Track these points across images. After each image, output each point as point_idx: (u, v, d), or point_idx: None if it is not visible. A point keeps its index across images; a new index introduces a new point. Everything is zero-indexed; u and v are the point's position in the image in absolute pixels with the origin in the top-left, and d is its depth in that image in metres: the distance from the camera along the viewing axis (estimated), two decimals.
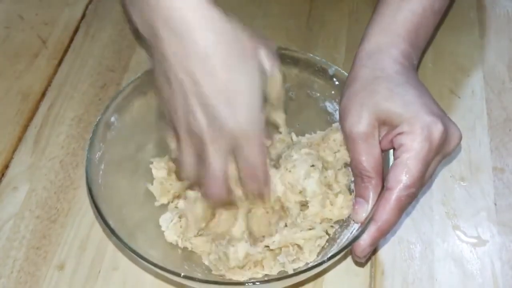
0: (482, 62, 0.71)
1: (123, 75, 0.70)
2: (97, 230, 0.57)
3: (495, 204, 0.59)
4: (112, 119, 0.55)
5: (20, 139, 0.64)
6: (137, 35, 0.48)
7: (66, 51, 0.73)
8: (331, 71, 0.57)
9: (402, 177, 0.47)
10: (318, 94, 0.59)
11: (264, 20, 0.76)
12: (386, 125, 0.49)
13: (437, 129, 0.47)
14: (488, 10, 0.76)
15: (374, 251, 0.55)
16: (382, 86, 0.49)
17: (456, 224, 0.58)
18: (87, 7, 0.78)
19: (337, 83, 0.57)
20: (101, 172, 0.52)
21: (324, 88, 0.58)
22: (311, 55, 0.59)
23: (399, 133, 0.47)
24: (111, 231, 0.47)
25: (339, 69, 0.57)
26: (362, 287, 0.54)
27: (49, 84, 0.69)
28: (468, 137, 0.63)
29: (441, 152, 0.48)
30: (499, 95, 0.68)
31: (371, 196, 0.49)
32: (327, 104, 0.58)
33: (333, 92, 0.57)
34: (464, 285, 0.54)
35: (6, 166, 0.62)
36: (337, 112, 0.55)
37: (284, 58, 0.58)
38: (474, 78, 0.69)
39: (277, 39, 0.74)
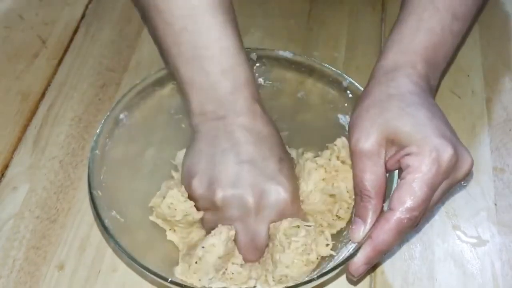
0: (482, 62, 0.71)
1: (123, 75, 0.70)
2: (97, 230, 0.57)
3: (495, 204, 0.59)
4: (121, 116, 0.55)
5: (20, 139, 0.64)
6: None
7: (66, 51, 0.73)
8: (345, 83, 0.57)
9: (406, 199, 0.45)
10: (332, 106, 0.58)
11: (264, 20, 0.76)
12: (395, 145, 0.48)
13: (447, 153, 0.45)
14: (488, 10, 0.76)
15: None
16: (393, 104, 0.48)
17: (456, 224, 0.58)
18: (87, 7, 0.78)
19: (350, 95, 0.56)
20: (104, 168, 0.52)
21: (337, 99, 0.57)
22: (326, 65, 0.58)
23: (407, 154, 0.46)
24: (107, 232, 0.48)
25: (353, 81, 0.56)
26: (362, 287, 0.54)
27: (49, 84, 0.69)
28: (468, 137, 0.63)
29: (449, 177, 0.47)
30: (499, 95, 0.68)
31: (370, 217, 0.47)
32: (340, 116, 0.58)
33: (346, 104, 0.57)
34: (464, 285, 0.54)
35: (6, 166, 0.62)
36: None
37: (299, 66, 0.58)
38: (474, 78, 0.69)
39: (277, 39, 0.74)
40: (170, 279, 0.46)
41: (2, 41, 0.74)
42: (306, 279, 0.48)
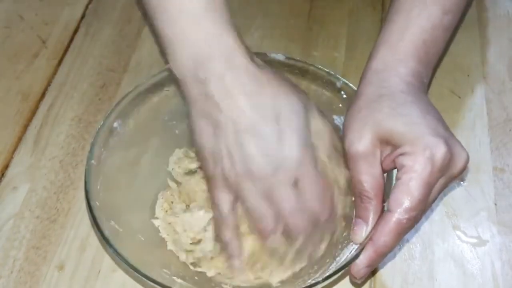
0: (482, 62, 0.71)
1: (123, 75, 0.70)
2: (97, 230, 0.57)
3: (495, 204, 0.59)
4: (115, 124, 0.55)
5: (20, 139, 0.64)
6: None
7: (66, 51, 0.73)
8: (338, 84, 0.57)
9: (403, 200, 0.45)
10: (326, 107, 0.57)
11: (264, 20, 0.76)
12: (389, 144, 0.48)
13: (440, 150, 0.45)
14: (488, 10, 0.76)
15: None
16: (385, 104, 0.48)
17: (456, 224, 0.58)
18: (87, 7, 0.78)
19: (344, 96, 0.56)
20: (100, 178, 0.52)
21: (331, 101, 0.57)
22: (320, 66, 0.58)
23: (401, 154, 0.46)
24: (106, 241, 0.48)
25: (347, 82, 0.56)
26: (362, 287, 0.54)
27: (49, 84, 0.69)
28: (468, 137, 0.63)
29: (445, 175, 0.47)
30: (499, 95, 0.68)
31: (371, 218, 0.47)
32: (335, 117, 0.57)
33: (340, 105, 0.57)
34: (464, 285, 0.54)
35: (6, 166, 0.62)
36: None
37: (293, 69, 0.58)
38: (474, 78, 0.69)
39: (277, 39, 0.74)
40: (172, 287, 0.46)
41: (2, 41, 0.74)
42: (311, 282, 0.47)
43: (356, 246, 0.48)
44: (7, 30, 0.75)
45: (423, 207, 0.46)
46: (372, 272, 0.54)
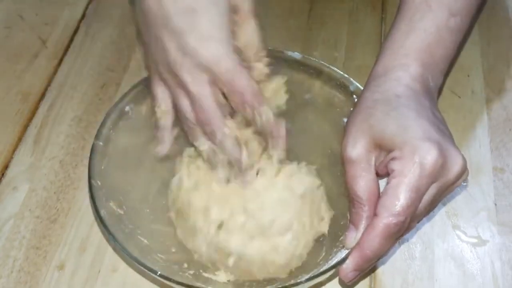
0: (482, 62, 0.71)
1: (123, 75, 0.70)
2: (97, 230, 0.57)
3: (495, 204, 0.59)
4: (127, 108, 0.55)
5: (20, 139, 0.64)
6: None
7: (66, 51, 0.73)
8: (352, 88, 0.56)
9: (391, 204, 0.44)
10: (338, 109, 0.58)
11: (264, 20, 0.76)
12: (383, 149, 0.47)
13: (430, 155, 0.44)
14: (488, 10, 0.76)
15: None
16: (379, 109, 0.48)
17: (456, 224, 0.58)
18: (87, 7, 0.78)
19: (356, 100, 0.56)
20: (106, 159, 0.52)
21: (343, 103, 0.57)
22: (334, 68, 0.58)
23: (392, 159, 0.46)
24: (100, 220, 0.48)
25: (360, 86, 0.56)
26: (362, 287, 0.54)
27: (49, 84, 0.69)
28: (468, 137, 0.63)
29: (439, 180, 0.46)
30: (499, 95, 0.68)
31: (362, 223, 0.46)
32: (345, 120, 0.56)
33: (351, 108, 0.56)
34: (464, 285, 0.54)
35: (6, 166, 0.62)
36: None
37: (308, 68, 0.58)
38: (474, 78, 0.69)
39: (277, 39, 0.74)
40: (159, 273, 0.45)
41: (2, 41, 0.74)
42: (298, 280, 0.47)
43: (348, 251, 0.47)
44: (7, 30, 0.75)
45: (412, 213, 0.45)
46: (372, 271, 0.55)
